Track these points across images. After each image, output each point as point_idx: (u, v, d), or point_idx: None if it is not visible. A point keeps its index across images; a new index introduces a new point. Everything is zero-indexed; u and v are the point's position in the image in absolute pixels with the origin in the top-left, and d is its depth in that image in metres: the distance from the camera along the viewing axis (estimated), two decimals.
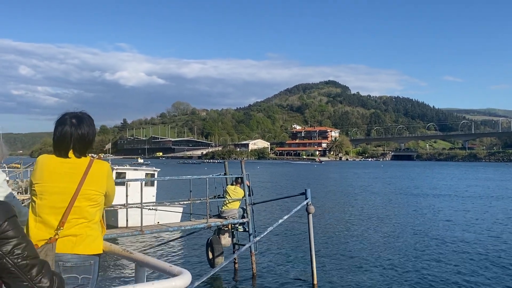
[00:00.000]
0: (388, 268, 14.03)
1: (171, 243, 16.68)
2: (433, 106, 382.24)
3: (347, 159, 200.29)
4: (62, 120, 3.04)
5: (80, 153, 3.04)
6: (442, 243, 17.82)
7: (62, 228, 2.89)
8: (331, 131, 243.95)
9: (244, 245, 12.62)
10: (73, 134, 2.99)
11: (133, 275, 3.05)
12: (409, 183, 54.94)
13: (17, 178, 26.51)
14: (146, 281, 2.75)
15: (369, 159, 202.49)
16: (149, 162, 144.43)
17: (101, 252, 3.07)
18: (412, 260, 15.07)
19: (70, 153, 3.02)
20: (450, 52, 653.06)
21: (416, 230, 20.80)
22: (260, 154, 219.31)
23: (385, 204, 31.95)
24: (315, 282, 12.07)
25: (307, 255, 13.45)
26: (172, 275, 2.47)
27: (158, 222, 16.14)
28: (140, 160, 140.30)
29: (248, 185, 13.16)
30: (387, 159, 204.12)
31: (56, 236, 2.87)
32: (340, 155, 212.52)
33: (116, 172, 20.65)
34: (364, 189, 44.89)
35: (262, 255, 15.22)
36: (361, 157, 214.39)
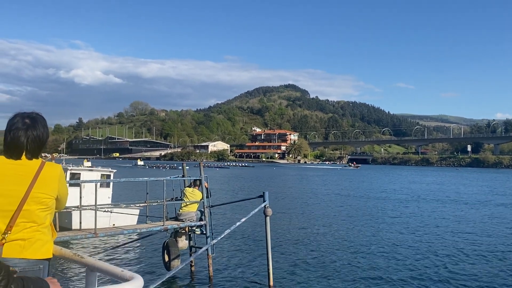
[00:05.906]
0: (343, 269, 14.34)
1: (127, 246, 16.34)
2: (388, 112, 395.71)
3: (305, 162, 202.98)
4: (15, 121, 2.93)
5: (32, 155, 2.94)
6: (396, 243, 18.41)
7: (9, 232, 2.79)
8: (290, 134, 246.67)
9: (201, 247, 12.55)
10: (28, 135, 2.90)
11: (84, 280, 3.00)
12: (363, 185, 56.36)
13: None
14: (97, 286, 2.72)
15: (327, 163, 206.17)
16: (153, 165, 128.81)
17: (51, 256, 2.99)
18: (366, 260, 15.47)
19: (22, 155, 2.93)
20: (402, 59, 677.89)
21: (371, 231, 21.36)
22: (219, 156, 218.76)
23: (340, 206, 32.61)
24: (271, 284, 12.19)
25: (263, 258, 13.54)
26: (123, 280, 2.46)
27: (114, 225, 15.83)
28: (140, 163, 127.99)
29: (207, 187, 13.13)
30: (343, 162, 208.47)
31: (3, 241, 2.78)
32: (298, 158, 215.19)
33: (70, 173, 20.07)
34: (320, 192, 45.65)
35: (219, 257, 15.19)
36: (318, 160, 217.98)
